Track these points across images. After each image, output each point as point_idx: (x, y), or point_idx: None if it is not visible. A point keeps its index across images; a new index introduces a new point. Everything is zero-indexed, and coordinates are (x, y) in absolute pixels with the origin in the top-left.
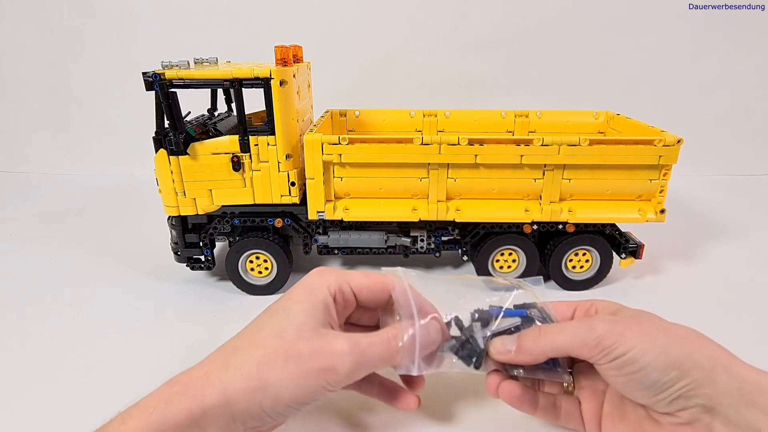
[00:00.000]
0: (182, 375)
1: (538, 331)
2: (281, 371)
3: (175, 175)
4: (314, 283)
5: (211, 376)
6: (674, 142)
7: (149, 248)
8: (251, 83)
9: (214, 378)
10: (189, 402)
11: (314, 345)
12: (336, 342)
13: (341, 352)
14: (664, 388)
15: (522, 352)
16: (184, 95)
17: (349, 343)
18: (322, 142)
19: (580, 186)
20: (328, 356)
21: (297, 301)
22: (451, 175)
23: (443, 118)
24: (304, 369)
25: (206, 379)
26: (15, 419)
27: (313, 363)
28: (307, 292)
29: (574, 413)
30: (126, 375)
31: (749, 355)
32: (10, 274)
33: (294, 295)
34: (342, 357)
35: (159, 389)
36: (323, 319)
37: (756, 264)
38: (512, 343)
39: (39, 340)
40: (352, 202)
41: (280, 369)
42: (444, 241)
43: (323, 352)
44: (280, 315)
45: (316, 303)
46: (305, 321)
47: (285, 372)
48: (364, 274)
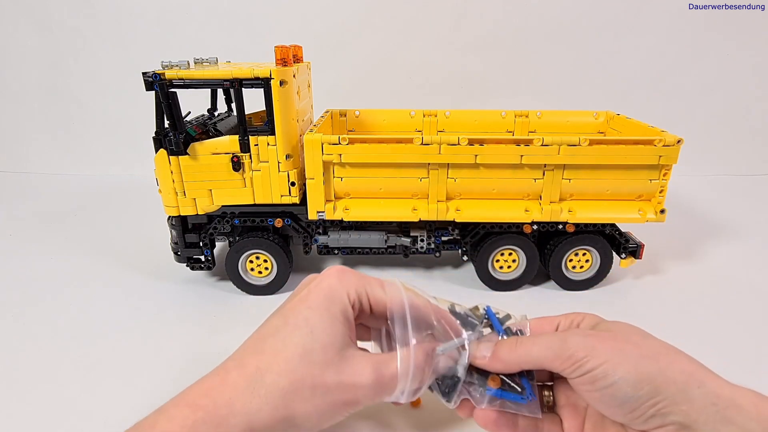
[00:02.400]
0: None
1: (514, 342)
2: (307, 403)
3: (175, 175)
4: (335, 289)
5: (236, 403)
6: (674, 142)
7: (149, 248)
8: (251, 83)
9: (239, 406)
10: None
11: (341, 374)
12: (361, 373)
13: (366, 385)
14: (638, 404)
15: (497, 359)
16: (184, 95)
17: (374, 376)
18: (322, 142)
19: (580, 186)
20: (353, 389)
21: (319, 313)
22: (451, 175)
23: (443, 118)
24: (329, 401)
25: (230, 407)
26: (15, 419)
27: (339, 396)
28: (328, 301)
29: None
30: (126, 375)
31: (749, 355)
32: (10, 274)
33: (314, 303)
34: (365, 390)
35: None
36: (345, 334)
37: (756, 264)
38: (488, 350)
39: (39, 340)
40: (352, 202)
41: (306, 401)
42: (444, 241)
43: (349, 384)
44: (303, 332)
45: (338, 316)
46: (331, 342)
47: (311, 404)
48: (381, 285)
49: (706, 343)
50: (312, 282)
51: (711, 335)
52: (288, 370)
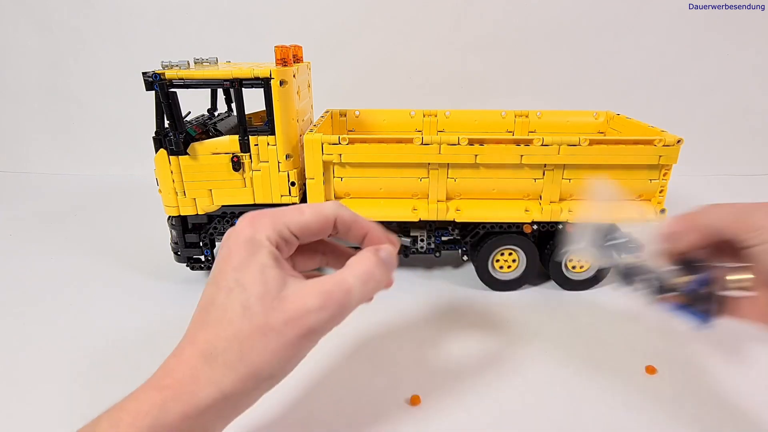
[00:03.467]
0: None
1: (699, 211)
2: (264, 352)
3: (175, 175)
4: (253, 239)
5: (199, 376)
6: (674, 142)
7: (149, 248)
8: (251, 83)
9: (203, 378)
10: (183, 406)
11: (284, 312)
12: (305, 301)
13: (312, 309)
14: None
15: (675, 223)
16: (184, 95)
17: (317, 296)
18: (322, 142)
19: (581, 186)
20: (303, 320)
21: (246, 269)
22: (451, 175)
23: (443, 118)
24: (285, 342)
25: (195, 380)
26: (15, 419)
27: (292, 332)
28: (250, 254)
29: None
30: (126, 375)
31: (749, 355)
32: (10, 274)
33: (237, 261)
34: (316, 314)
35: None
36: (279, 275)
37: None
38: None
39: (39, 340)
40: (352, 202)
41: (262, 351)
42: (444, 241)
43: (296, 317)
44: (236, 291)
45: (265, 262)
46: (265, 290)
47: (268, 351)
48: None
49: (706, 343)
50: (230, 238)
51: (711, 335)
52: (234, 332)
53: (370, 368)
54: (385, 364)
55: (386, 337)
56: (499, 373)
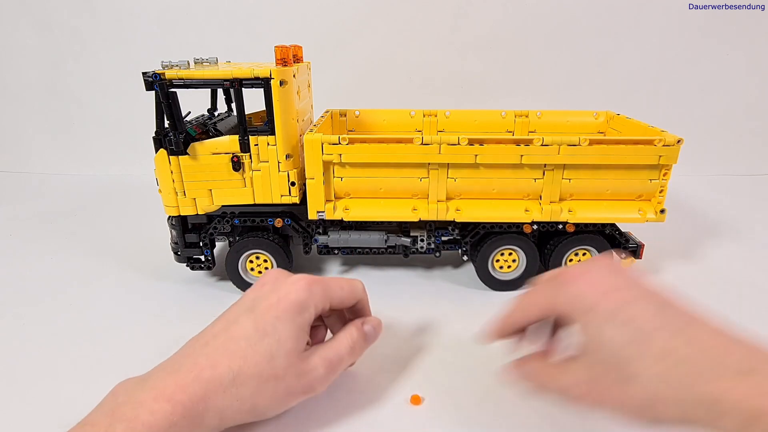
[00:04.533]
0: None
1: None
2: (270, 397)
3: (175, 175)
4: (304, 304)
5: (210, 400)
6: (674, 142)
7: (149, 248)
8: (251, 83)
9: (212, 402)
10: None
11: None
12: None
13: (320, 375)
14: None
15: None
16: (184, 95)
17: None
18: (322, 142)
19: (580, 186)
20: (309, 380)
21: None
22: (451, 175)
23: (443, 118)
24: (289, 391)
25: (206, 403)
26: (15, 419)
27: (297, 386)
28: (296, 314)
29: None
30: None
31: None
32: (10, 274)
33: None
34: (320, 379)
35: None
36: (305, 339)
37: (756, 264)
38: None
39: (39, 340)
40: (352, 202)
41: (270, 396)
42: (444, 241)
43: (306, 377)
44: (272, 339)
45: (302, 326)
46: (293, 348)
47: (274, 396)
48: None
49: None
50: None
51: None
52: (256, 373)
53: (369, 368)
54: (384, 363)
55: (386, 337)
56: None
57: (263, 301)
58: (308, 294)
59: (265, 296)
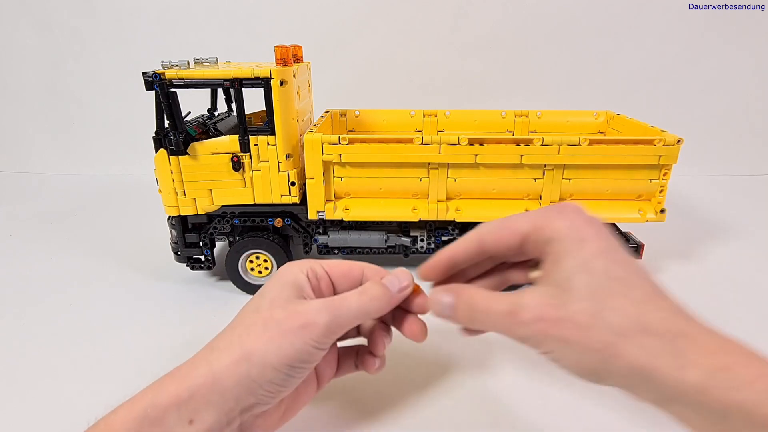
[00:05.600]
0: (175, 370)
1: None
2: (261, 337)
3: (175, 175)
4: (285, 270)
5: (197, 360)
6: (674, 142)
7: (149, 248)
8: (251, 83)
9: (200, 360)
10: (176, 386)
11: (288, 308)
12: (310, 303)
13: (315, 309)
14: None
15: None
16: (184, 95)
17: (322, 302)
18: (322, 142)
19: (580, 186)
20: (303, 314)
21: (270, 285)
22: (451, 175)
23: (443, 118)
24: (282, 329)
25: (192, 364)
26: (15, 419)
27: (290, 323)
28: (277, 279)
29: None
30: (126, 375)
31: None
32: (10, 274)
33: (268, 284)
34: (317, 312)
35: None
36: (297, 293)
37: (756, 264)
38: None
39: (39, 339)
40: (352, 202)
41: (259, 335)
42: (444, 241)
43: (298, 312)
44: (255, 298)
45: (287, 283)
46: (278, 296)
47: (265, 337)
48: (336, 261)
49: None
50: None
51: None
52: (239, 321)
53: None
54: None
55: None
56: (499, 373)
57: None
58: (288, 265)
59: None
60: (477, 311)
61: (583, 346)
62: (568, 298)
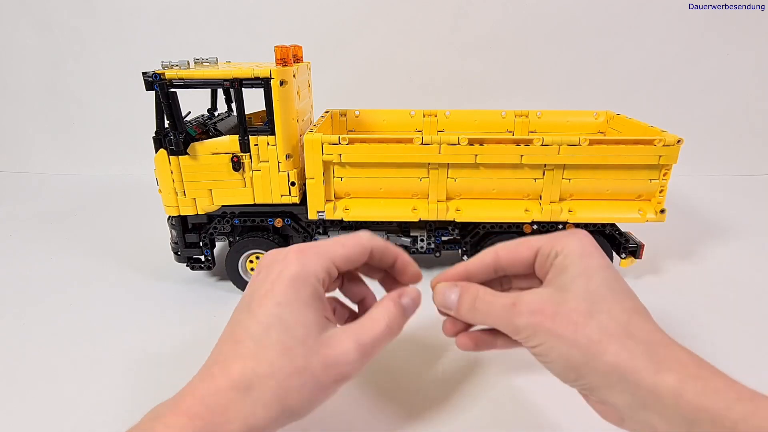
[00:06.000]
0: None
1: (472, 301)
2: (299, 394)
3: (175, 175)
4: (300, 277)
5: (230, 408)
6: (674, 142)
7: (149, 248)
8: (251, 83)
9: (233, 412)
10: None
11: (325, 359)
12: (346, 351)
13: (351, 360)
14: (568, 381)
15: (460, 315)
16: (184, 95)
17: (356, 349)
18: (322, 142)
19: (580, 186)
20: (340, 367)
21: (289, 307)
22: (451, 175)
23: (443, 118)
24: (320, 386)
25: (225, 413)
26: (15, 419)
27: (329, 377)
28: (295, 291)
29: None
30: (126, 375)
31: (749, 354)
32: (10, 274)
33: (282, 297)
34: (352, 364)
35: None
36: (320, 316)
37: (756, 264)
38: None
39: (39, 340)
40: (352, 202)
41: (297, 393)
42: (444, 241)
43: (335, 365)
44: (279, 330)
45: (308, 301)
46: (307, 332)
47: (303, 394)
48: (341, 244)
49: (706, 343)
50: (273, 269)
51: (711, 335)
52: (272, 371)
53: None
54: (383, 363)
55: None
56: (499, 373)
57: (257, 291)
58: (300, 265)
59: (258, 286)
60: (480, 300)
61: (571, 340)
62: (566, 298)
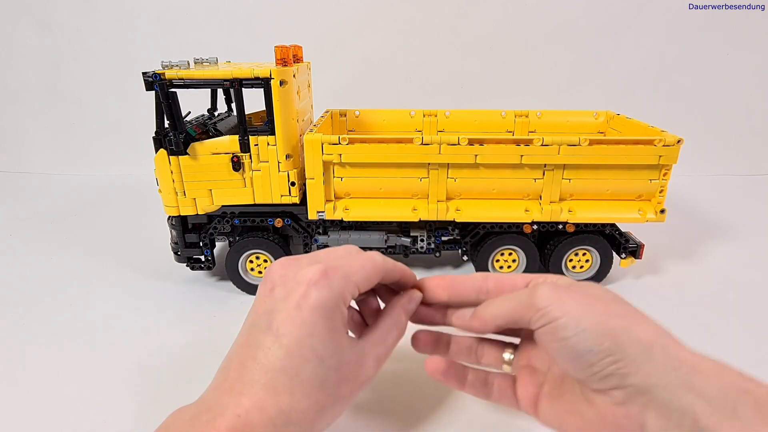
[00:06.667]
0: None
1: (489, 301)
2: (332, 415)
3: (175, 175)
4: (330, 305)
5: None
6: (674, 142)
7: (149, 248)
8: (251, 83)
9: None
10: None
11: (353, 382)
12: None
13: (372, 375)
14: (597, 359)
15: (476, 318)
16: (184, 95)
17: (375, 366)
18: (322, 142)
19: (580, 186)
20: (363, 385)
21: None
22: (451, 175)
23: (443, 118)
24: (345, 403)
25: None
26: (15, 419)
27: (353, 396)
28: (327, 320)
29: (507, 391)
30: (126, 375)
31: (749, 354)
32: (10, 274)
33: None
34: (372, 378)
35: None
36: (347, 339)
37: (756, 264)
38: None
39: (39, 340)
40: (352, 202)
41: (331, 415)
42: (444, 241)
43: (360, 384)
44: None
45: (338, 328)
46: (338, 361)
47: (335, 412)
48: (361, 266)
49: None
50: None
51: (711, 335)
52: (310, 404)
53: None
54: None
55: None
56: None
57: (279, 312)
58: (329, 291)
59: (279, 305)
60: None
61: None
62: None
